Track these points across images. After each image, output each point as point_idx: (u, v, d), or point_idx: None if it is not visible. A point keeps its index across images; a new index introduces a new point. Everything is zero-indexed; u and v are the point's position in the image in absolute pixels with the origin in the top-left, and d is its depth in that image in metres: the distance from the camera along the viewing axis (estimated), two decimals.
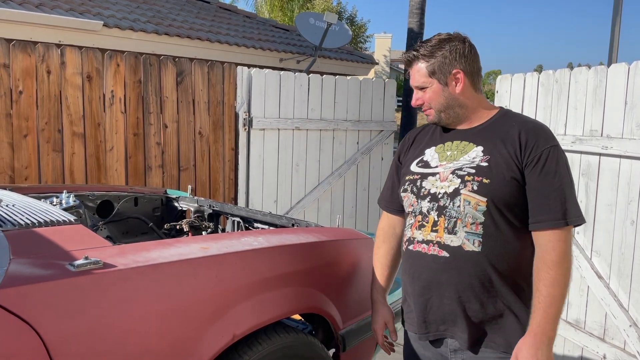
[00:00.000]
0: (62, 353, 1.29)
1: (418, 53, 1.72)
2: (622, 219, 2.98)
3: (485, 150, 1.65)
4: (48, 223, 1.71)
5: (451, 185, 1.65)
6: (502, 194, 1.59)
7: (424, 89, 1.74)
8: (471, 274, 1.61)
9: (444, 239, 1.64)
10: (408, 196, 1.75)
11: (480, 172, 1.61)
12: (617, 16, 6.42)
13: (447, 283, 1.63)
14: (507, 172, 1.59)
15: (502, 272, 1.61)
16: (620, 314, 2.98)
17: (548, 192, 1.57)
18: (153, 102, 4.34)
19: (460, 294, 1.63)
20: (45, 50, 3.81)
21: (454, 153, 1.72)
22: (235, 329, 1.65)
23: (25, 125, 3.78)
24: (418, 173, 1.75)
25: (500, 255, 1.61)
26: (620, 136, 2.98)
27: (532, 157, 1.58)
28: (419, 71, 1.73)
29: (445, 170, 1.69)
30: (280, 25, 9.91)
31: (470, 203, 1.60)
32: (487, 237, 1.60)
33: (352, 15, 26.25)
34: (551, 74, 3.49)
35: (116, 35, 6.09)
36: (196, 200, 3.13)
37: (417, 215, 1.71)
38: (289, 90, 4.98)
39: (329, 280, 2.05)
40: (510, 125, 1.67)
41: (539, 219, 1.58)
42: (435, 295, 1.67)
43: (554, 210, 1.56)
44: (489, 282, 1.61)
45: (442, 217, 1.64)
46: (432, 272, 1.66)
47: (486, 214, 1.59)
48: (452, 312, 1.65)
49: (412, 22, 8.42)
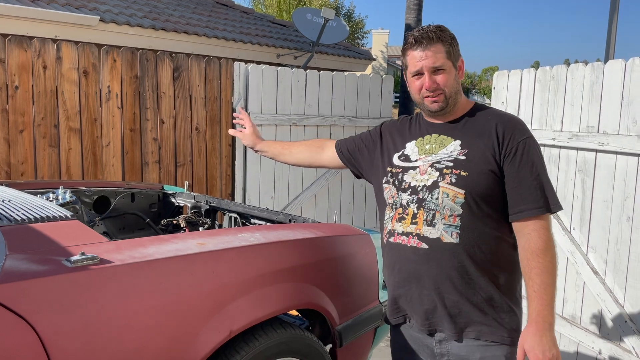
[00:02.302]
0: (58, 348, 1.29)
1: (439, 33, 1.68)
2: (618, 215, 2.99)
3: (463, 144, 1.69)
4: (44, 219, 1.71)
5: (430, 178, 1.68)
6: (479, 186, 1.62)
7: (440, 71, 1.69)
8: (449, 266, 1.64)
9: (423, 231, 1.66)
10: (390, 188, 1.78)
11: (459, 165, 1.65)
12: (614, 12, 6.43)
13: (427, 274, 1.66)
14: (485, 164, 1.63)
15: (479, 264, 1.64)
16: (615, 310, 2.99)
17: (528, 182, 1.61)
18: (150, 97, 4.32)
19: (439, 285, 1.65)
20: (41, 45, 3.80)
21: (432, 146, 1.74)
22: (232, 325, 1.65)
23: (21, 121, 3.76)
24: (400, 167, 1.78)
25: (478, 247, 1.64)
26: (616, 132, 2.99)
27: (509, 149, 1.63)
28: (439, 52, 1.68)
29: (425, 163, 1.72)
30: (278, 21, 9.88)
31: (448, 195, 1.63)
32: (465, 229, 1.63)
33: (350, 11, 26.20)
34: (548, 70, 3.49)
35: (113, 30, 6.07)
36: (193, 196, 3.12)
37: (397, 208, 1.74)
38: (286, 86, 4.97)
39: (326, 276, 2.05)
40: (486, 119, 1.71)
41: (522, 209, 1.61)
42: (415, 286, 1.70)
43: (535, 199, 1.60)
44: (466, 273, 1.64)
45: (422, 210, 1.67)
46: (412, 263, 1.69)
47: (464, 206, 1.63)
48: (432, 302, 1.68)
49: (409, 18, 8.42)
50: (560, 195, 3.40)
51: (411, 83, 1.74)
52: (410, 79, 1.74)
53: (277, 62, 7.64)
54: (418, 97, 1.74)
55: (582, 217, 3.23)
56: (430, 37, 1.66)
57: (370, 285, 2.28)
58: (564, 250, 3.34)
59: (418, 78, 1.71)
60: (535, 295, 1.57)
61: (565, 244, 3.33)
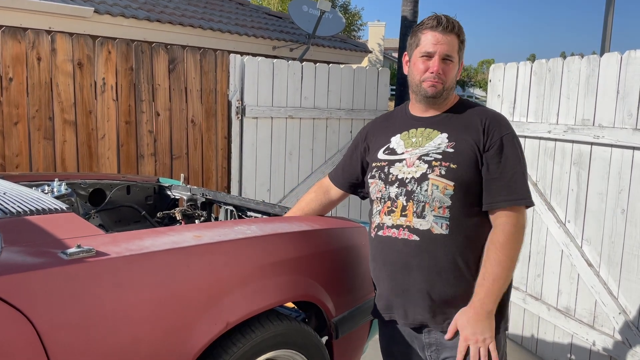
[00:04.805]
0: (55, 341, 1.29)
1: (459, 26, 1.71)
2: (613, 208, 3.01)
3: (450, 137, 1.72)
4: (40, 211, 1.70)
5: (418, 171, 1.70)
6: (467, 178, 1.66)
7: (449, 61, 1.71)
8: (441, 257, 1.66)
9: (413, 223, 1.68)
10: (376, 182, 1.79)
11: (447, 158, 1.68)
12: (610, 5, 6.43)
13: (418, 266, 1.68)
14: (472, 157, 1.67)
15: (467, 254, 1.68)
16: (609, 302, 3.02)
17: (506, 175, 1.65)
18: (145, 89, 4.30)
19: (431, 276, 1.68)
20: (35, 37, 3.77)
21: (419, 140, 1.76)
22: (229, 317, 1.65)
23: (15, 113, 3.74)
24: (385, 160, 1.79)
25: (466, 238, 1.68)
26: (611, 125, 3.00)
27: (492, 142, 1.67)
28: (453, 43, 1.70)
29: (412, 156, 1.73)
30: (274, 13, 9.84)
31: (438, 187, 1.66)
32: (454, 220, 1.66)
33: (346, 3, 26.06)
34: (544, 63, 3.49)
35: (107, 22, 6.03)
36: (189, 188, 3.12)
37: (385, 201, 1.75)
38: (282, 79, 4.96)
39: (322, 268, 2.06)
40: (471, 113, 1.75)
41: (495, 199, 1.66)
42: (405, 277, 1.71)
43: (508, 192, 1.65)
44: (455, 264, 1.67)
45: (411, 202, 1.69)
46: (403, 255, 1.70)
47: (453, 197, 1.66)
48: (421, 292, 1.69)
49: (405, 10, 8.39)
50: (555, 187, 3.41)
51: (416, 62, 1.73)
52: (417, 59, 1.72)
53: (273, 55, 7.61)
54: (418, 79, 1.73)
55: (577, 210, 3.25)
56: (453, 25, 1.70)
57: (366, 277, 2.28)
58: (558, 242, 3.36)
59: (426, 59, 1.71)
60: (484, 282, 1.61)
61: (560, 237, 3.34)
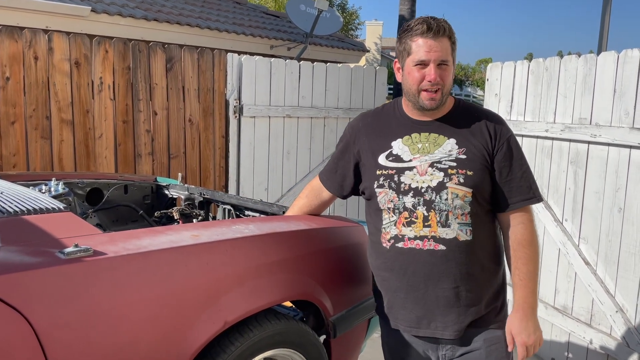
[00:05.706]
0: (52, 340, 1.29)
1: (449, 27, 1.64)
2: (610, 207, 3.01)
3: (459, 143, 1.70)
4: (37, 211, 1.70)
5: (434, 179, 1.67)
6: (483, 183, 1.68)
7: (444, 65, 1.64)
8: (468, 262, 1.68)
9: (439, 233, 1.67)
10: (386, 192, 1.72)
11: (462, 165, 1.67)
12: (607, 4, 6.43)
13: (446, 274, 1.68)
14: (483, 162, 1.68)
15: (490, 256, 1.75)
16: (607, 300, 3.03)
17: (518, 175, 1.70)
18: (142, 89, 4.30)
19: (458, 283, 1.69)
20: (32, 36, 3.76)
21: (425, 145, 1.71)
22: (227, 316, 1.66)
23: (12, 112, 3.73)
24: (392, 168, 1.71)
25: (486, 240, 1.73)
26: (608, 124, 3.00)
27: (499, 145, 1.70)
28: (446, 46, 1.64)
29: (422, 163, 1.69)
30: (271, 12, 9.84)
31: (458, 195, 1.66)
32: (476, 226, 1.69)
33: (344, 2, 26.08)
34: (541, 62, 3.50)
35: (104, 21, 6.02)
36: (186, 187, 3.11)
37: (402, 212, 1.70)
38: (279, 78, 4.96)
39: (320, 267, 2.06)
40: (473, 116, 1.74)
41: (514, 200, 1.70)
42: (431, 287, 1.70)
43: (526, 191, 1.70)
44: (480, 266, 1.71)
45: (433, 212, 1.66)
46: (429, 266, 1.69)
47: (472, 203, 1.67)
48: (448, 301, 1.70)
49: (403, 9, 8.40)
50: (553, 186, 3.42)
51: (411, 72, 1.65)
52: (412, 68, 1.65)
53: (270, 54, 7.61)
54: (415, 89, 1.66)
55: (574, 209, 3.26)
56: (444, 28, 1.62)
57: (364, 276, 2.28)
58: (555, 241, 3.37)
59: (421, 68, 1.63)
60: (521, 283, 1.68)
61: (557, 235, 3.35)
